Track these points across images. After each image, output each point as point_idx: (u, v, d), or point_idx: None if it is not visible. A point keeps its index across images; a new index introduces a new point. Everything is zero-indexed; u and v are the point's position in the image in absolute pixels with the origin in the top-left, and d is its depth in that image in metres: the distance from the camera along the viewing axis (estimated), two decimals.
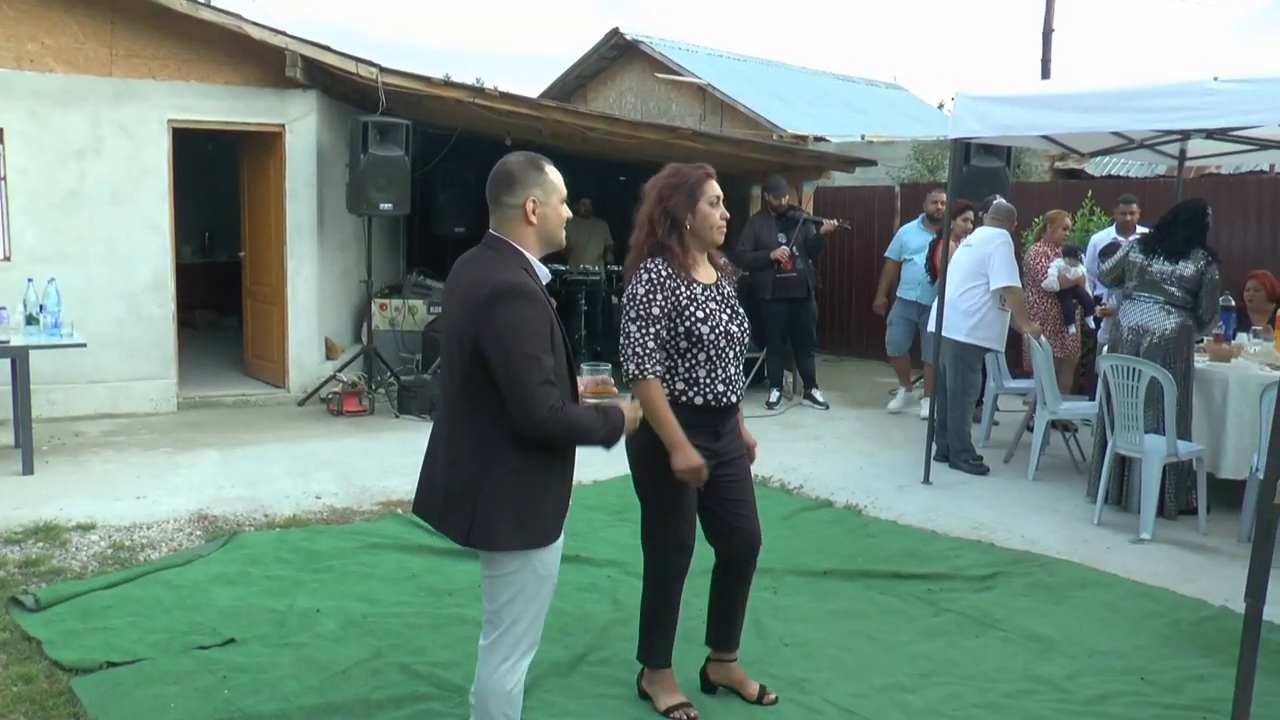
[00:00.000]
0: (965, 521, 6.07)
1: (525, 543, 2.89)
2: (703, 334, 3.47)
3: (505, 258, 2.89)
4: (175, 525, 5.69)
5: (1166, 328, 6.06)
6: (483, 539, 2.89)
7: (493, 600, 2.99)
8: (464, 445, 2.91)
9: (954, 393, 7.31)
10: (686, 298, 3.49)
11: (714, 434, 3.59)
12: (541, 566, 2.96)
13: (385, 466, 7.03)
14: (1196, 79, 5.40)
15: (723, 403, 3.56)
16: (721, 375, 3.54)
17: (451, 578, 4.97)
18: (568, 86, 19.63)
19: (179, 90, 8.60)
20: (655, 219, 3.52)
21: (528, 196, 2.91)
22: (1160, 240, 6.25)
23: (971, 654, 4.28)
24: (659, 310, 3.46)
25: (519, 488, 2.87)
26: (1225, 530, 5.92)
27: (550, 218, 2.95)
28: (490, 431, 2.85)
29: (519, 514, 2.87)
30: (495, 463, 2.86)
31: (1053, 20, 18.75)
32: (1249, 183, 10.18)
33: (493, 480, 2.86)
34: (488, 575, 2.99)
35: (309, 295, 9.27)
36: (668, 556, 3.64)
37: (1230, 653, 4.09)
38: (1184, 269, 6.07)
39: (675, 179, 3.54)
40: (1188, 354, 6.13)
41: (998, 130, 6.63)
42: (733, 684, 3.87)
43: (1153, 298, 6.15)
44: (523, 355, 2.76)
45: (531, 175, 2.94)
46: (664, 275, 3.49)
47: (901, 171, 13.89)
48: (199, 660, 4.04)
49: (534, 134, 10.09)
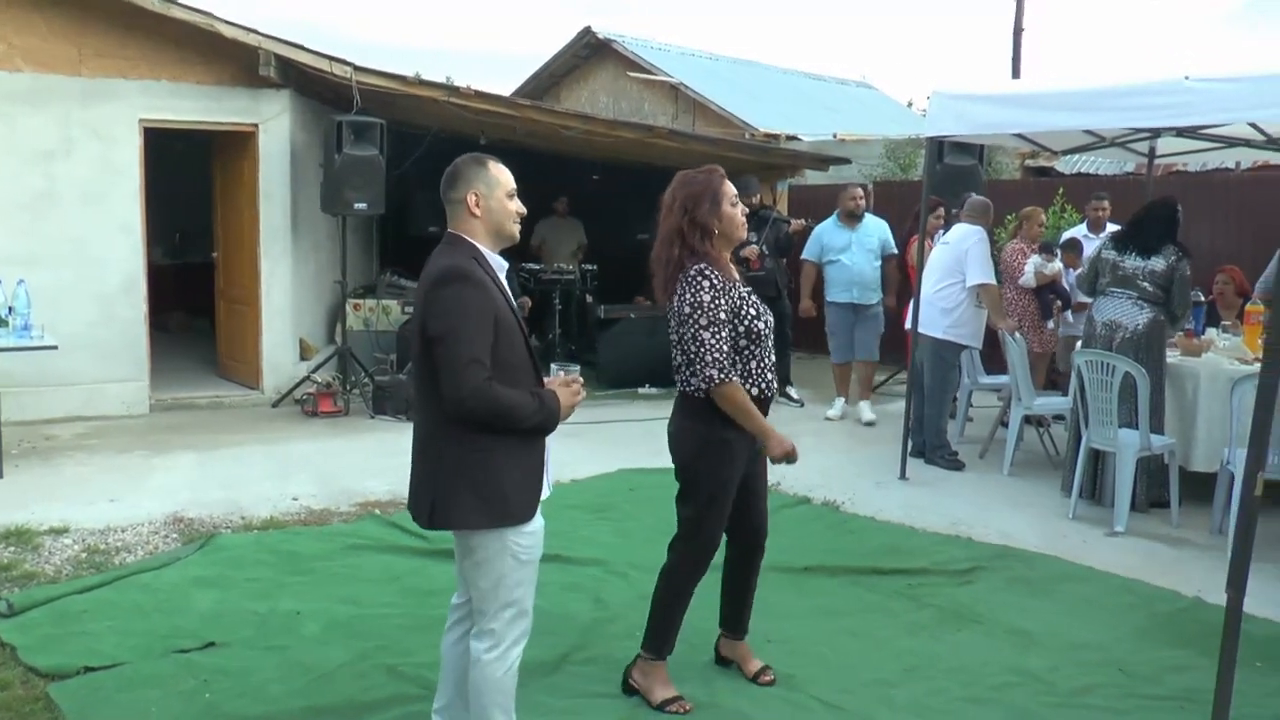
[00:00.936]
0: (943, 517, 6.12)
1: (488, 522, 2.95)
2: (759, 330, 3.63)
3: (457, 249, 3.01)
4: (151, 528, 5.64)
5: (1139, 323, 6.14)
6: (443, 518, 2.99)
7: (476, 587, 3.04)
8: (427, 429, 3.04)
9: (931, 389, 7.36)
10: (738, 297, 3.63)
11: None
12: (520, 550, 3.00)
13: (362, 467, 6.99)
14: (1169, 78, 5.47)
15: (770, 392, 3.71)
16: (770, 365, 3.70)
17: (434, 578, 4.95)
18: (540, 85, 19.58)
19: (150, 90, 8.52)
20: (686, 230, 3.61)
21: (469, 190, 3.03)
22: (1133, 237, 6.33)
23: (954, 648, 4.32)
24: (725, 314, 3.57)
25: (474, 465, 2.94)
26: (1197, 523, 6.00)
27: (495, 210, 3.05)
28: (441, 413, 2.93)
29: (478, 492, 2.94)
30: (450, 442, 2.95)
31: (1023, 19, 18.91)
32: (1215, 180, 10.31)
33: (449, 460, 2.95)
34: (469, 562, 3.04)
35: (283, 296, 9.21)
36: (702, 554, 3.74)
37: (1206, 643, 4.16)
38: (1156, 265, 6.15)
39: (696, 188, 3.63)
40: (1160, 349, 6.21)
41: (973, 128, 6.70)
42: (738, 659, 4.03)
43: (1126, 293, 6.22)
44: (454, 334, 2.85)
45: (473, 170, 3.06)
46: (719, 281, 3.59)
47: (874, 170, 13.96)
48: (180, 664, 4.01)
49: (509, 133, 10.07)
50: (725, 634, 4.07)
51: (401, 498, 6.24)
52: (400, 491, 6.35)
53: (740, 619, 4.02)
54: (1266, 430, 3.16)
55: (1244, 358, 6.33)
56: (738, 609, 4.01)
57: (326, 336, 10.14)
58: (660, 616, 3.81)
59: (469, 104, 9.06)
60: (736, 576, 3.98)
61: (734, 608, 4.01)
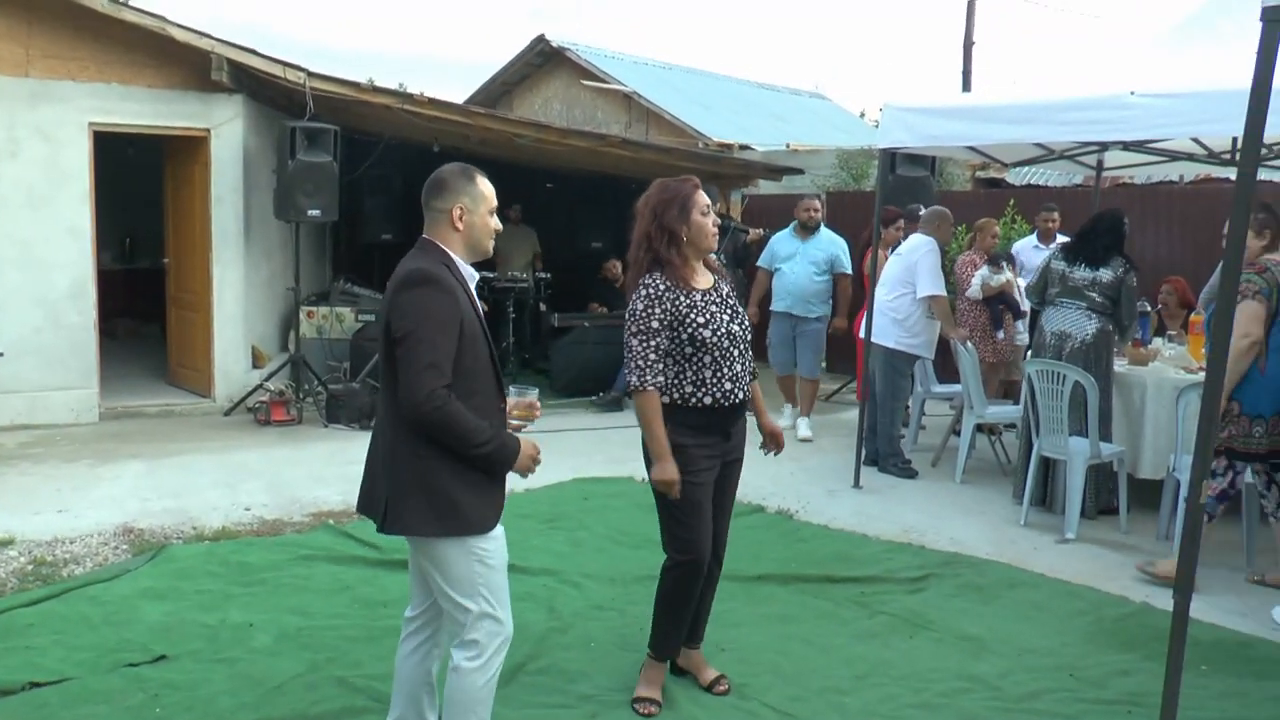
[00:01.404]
0: (896, 525, 6.17)
1: (441, 529, 2.94)
2: (705, 338, 3.63)
3: (427, 254, 3.02)
4: (100, 539, 5.55)
5: (1088, 333, 6.24)
6: (393, 524, 2.98)
7: (446, 597, 3.02)
8: (383, 434, 3.04)
9: (884, 398, 7.43)
10: (686, 305, 3.64)
11: (725, 434, 3.77)
12: (486, 555, 3.00)
13: (315, 477, 6.94)
14: (1114, 93, 5.57)
15: (730, 400, 3.70)
16: (728, 374, 3.68)
17: (387, 589, 4.92)
18: (493, 93, 19.55)
19: (100, 93, 8.40)
20: (653, 235, 3.67)
21: (455, 203, 3.03)
22: (1081, 248, 6.43)
23: (905, 655, 4.36)
24: (658, 323, 3.61)
25: (426, 471, 2.93)
26: (1144, 529, 6.10)
27: (476, 225, 3.06)
28: (403, 421, 2.93)
29: (430, 499, 2.93)
30: (404, 451, 2.94)
31: (973, 33, 19.15)
32: (1161, 192, 10.51)
33: (401, 468, 2.95)
34: (433, 572, 3.03)
35: (235, 303, 9.11)
36: (681, 561, 3.74)
37: (1152, 647, 4.25)
38: (1103, 275, 6.26)
39: (667, 195, 3.70)
40: (1108, 358, 6.32)
41: (925, 140, 6.78)
42: (692, 669, 4.04)
43: (1074, 304, 6.32)
44: (416, 336, 2.85)
45: (461, 183, 3.06)
46: (661, 288, 3.64)
47: (827, 180, 14.07)
48: (129, 678, 3.94)
49: (462, 140, 10.05)
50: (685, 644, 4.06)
51: (354, 506, 6.21)
52: (354, 500, 6.27)
53: (694, 630, 4.03)
54: (1211, 438, 3.23)
55: (1189, 367, 6.46)
56: (693, 621, 4.00)
57: (279, 344, 10.04)
58: (656, 619, 3.87)
59: (422, 111, 9.03)
60: None
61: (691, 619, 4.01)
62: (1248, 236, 5.03)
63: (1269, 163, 7.25)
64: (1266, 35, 2.99)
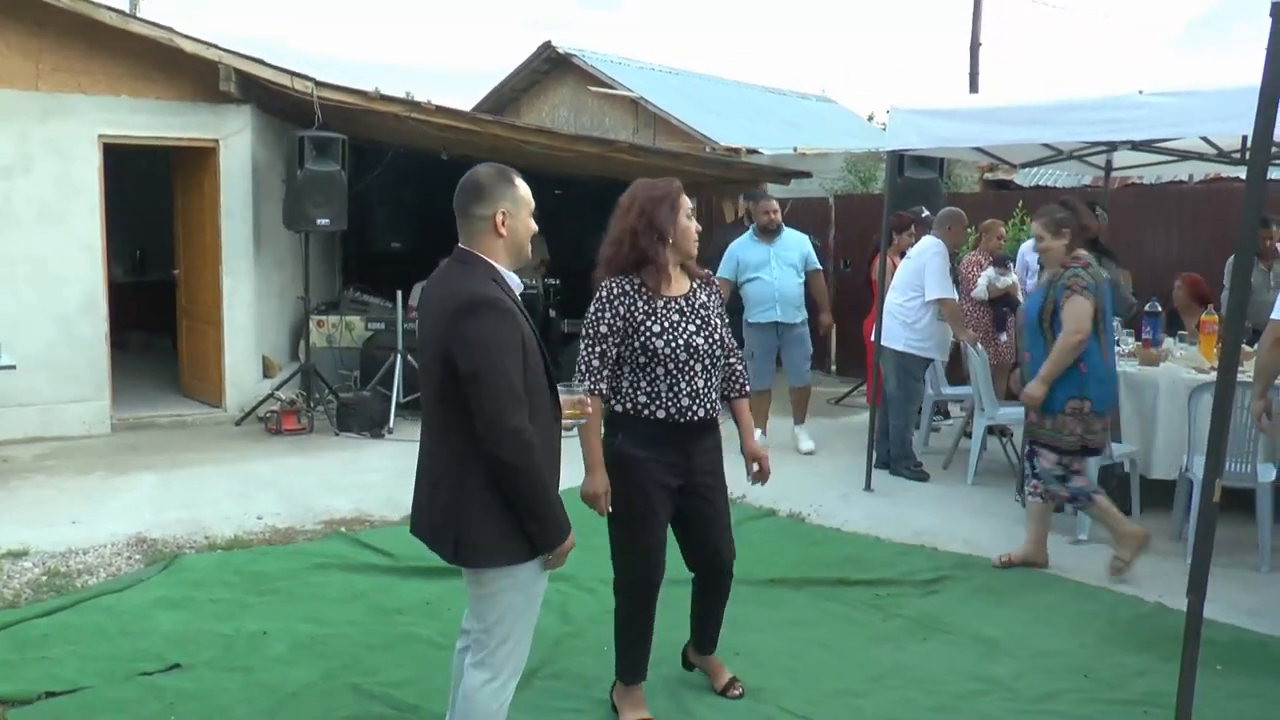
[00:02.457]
0: (908, 527, 6.16)
1: (510, 558, 2.86)
2: (657, 348, 3.49)
3: (475, 270, 2.87)
4: (113, 550, 5.57)
5: None
6: (468, 556, 2.87)
7: (480, 619, 2.96)
8: (443, 462, 2.89)
9: (895, 401, 7.42)
10: (644, 312, 3.51)
11: (683, 451, 3.58)
12: (529, 585, 2.93)
13: (327, 485, 6.95)
14: (1124, 93, 5.57)
15: (688, 417, 3.54)
16: (686, 389, 3.53)
17: (400, 596, 4.93)
18: (501, 100, 19.59)
19: (110, 105, 8.44)
20: (640, 231, 3.53)
21: (498, 209, 2.90)
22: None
23: (920, 657, 4.35)
24: (606, 328, 3.50)
25: (499, 502, 2.82)
26: (1157, 529, 6.05)
27: (519, 230, 2.95)
28: (467, 446, 2.80)
29: (501, 528, 2.83)
30: (473, 477, 2.82)
31: (980, 34, 19.15)
32: (1170, 192, 10.48)
33: (472, 496, 2.83)
34: (476, 594, 2.95)
35: (246, 313, 9.14)
36: (630, 572, 3.66)
37: (1167, 648, 4.22)
38: None
39: (656, 193, 3.57)
40: None
41: (933, 142, 6.78)
42: (707, 671, 4.01)
43: None
44: (490, 369, 2.73)
45: (502, 187, 2.93)
46: (616, 292, 3.52)
47: (835, 183, 14.06)
48: (144, 687, 3.96)
49: (470, 149, 10.06)
50: (693, 648, 4.06)
51: (367, 515, 6.26)
52: (366, 509, 6.38)
53: (702, 638, 4.00)
54: (1223, 438, 3.22)
55: (1200, 366, 6.43)
56: (702, 630, 3.97)
57: (290, 353, 10.08)
58: (619, 644, 3.77)
59: (430, 119, 9.05)
60: (697, 602, 3.92)
61: (699, 629, 3.99)
62: (1047, 238, 5.21)
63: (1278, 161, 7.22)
64: (1275, 31, 2.99)
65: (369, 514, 6.30)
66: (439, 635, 4.46)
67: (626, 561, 3.64)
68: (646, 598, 3.67)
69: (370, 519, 6.21)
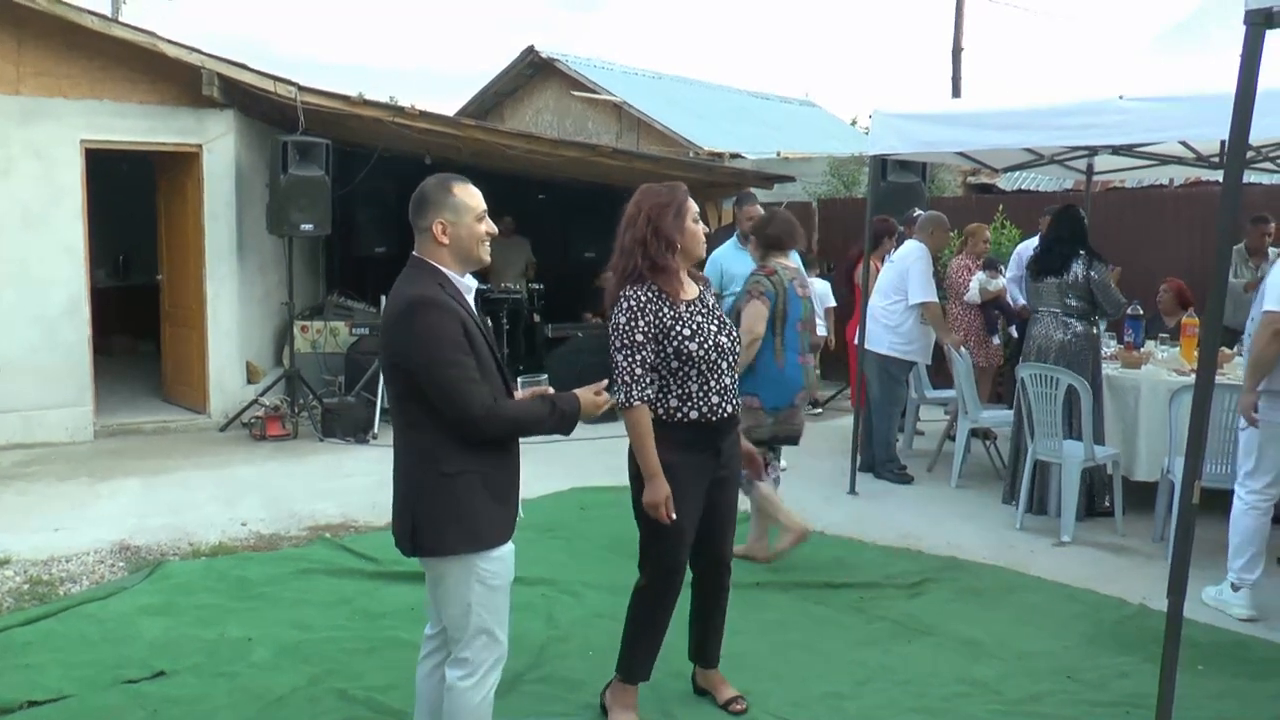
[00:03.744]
0: (893, 530, 6.19)
1: (467, 546, 2.94)
2: (692, 351, 3.53)
3: (421, 275, 2.98)
4: (96, 557, 5.54)
5: (1066, 338, 6.26)
6: (423, 544, 2.96)
7: (447, 614, 3.04)
8: (402, 459, 3.01)
9: (879, 404, 7.45)
10: (671, 318, 3.54)
11: (715, 450, 3.65)
12: (489, 576, 2.98)
13: (311, 490, 6.94)
14: (1104, 98, 5.60)
15: (719, 415, 3.61)
16: (715, 387, 3.60)
17: (385, 601, 4.93)
18: (484, 104, 19.60)
19: (92, 109, 8.41)
20: (649, 242, 3.53)
21: (436, 218, 2.98)
22: (1043, 261, 6.45)
23: (905, 660, 4.37)
24: (642, 336, 3.50)
25: (453, 491, 2.92)
26: (1140, 531, 6.12)
27: (463, 237, 3.00)
28: (423, 442, 2.94)
29: (458, 519, 2.93)
30: (429, 470, 2.93)
31: (962, 39, 19.23)
32: (1151, 196, 10.56)
33: (428, 488, 2.93)
34: (436, 590, 3.04)
35: (229, 318, 9.11)
36: (659, 582, 3.66)
37: (1150, 649, 4.24)
38: (1070, 278, 6.27)
39: (662, 200, 3.58)
40: (1094, 361, 6.34)
41: (915, 146, 6.81)
42: (710, 688, 3.98)
43: (1050, 311, 6.35)
44: (442, 361, 2.85)
45: (439, 196, 3.01)
46: (644, 300, 3.53)
47: (818, 187, 14.10)
48: (128, 694, 3.95)
49: (454, 153, 10.07)
50: (696, 663, 4.01)
51: (352, 520, 6.26)
52: (351, 513, 6.37)
53: (705, 650, 3.96)
54: (1202, 439, 3.25)
55: (1181, 369, 6.48)
56: (701, 639, 3.94)
57: (274, 359, 10.04)
58: (628, 641, 3.76)
59: (413, 124, 9.05)
60: (696, 606, 3.92)
61: (698, 638, 3.95)
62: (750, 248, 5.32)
63: (1256, 165, 7.29)
64: (1250, 38, 3.02)
65: (354, 519, 6.29)
66: None
67: (656, 562, 3.66)
68: (669, 598, 3.70)
69: (355, 524, 6.20)
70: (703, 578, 3.88)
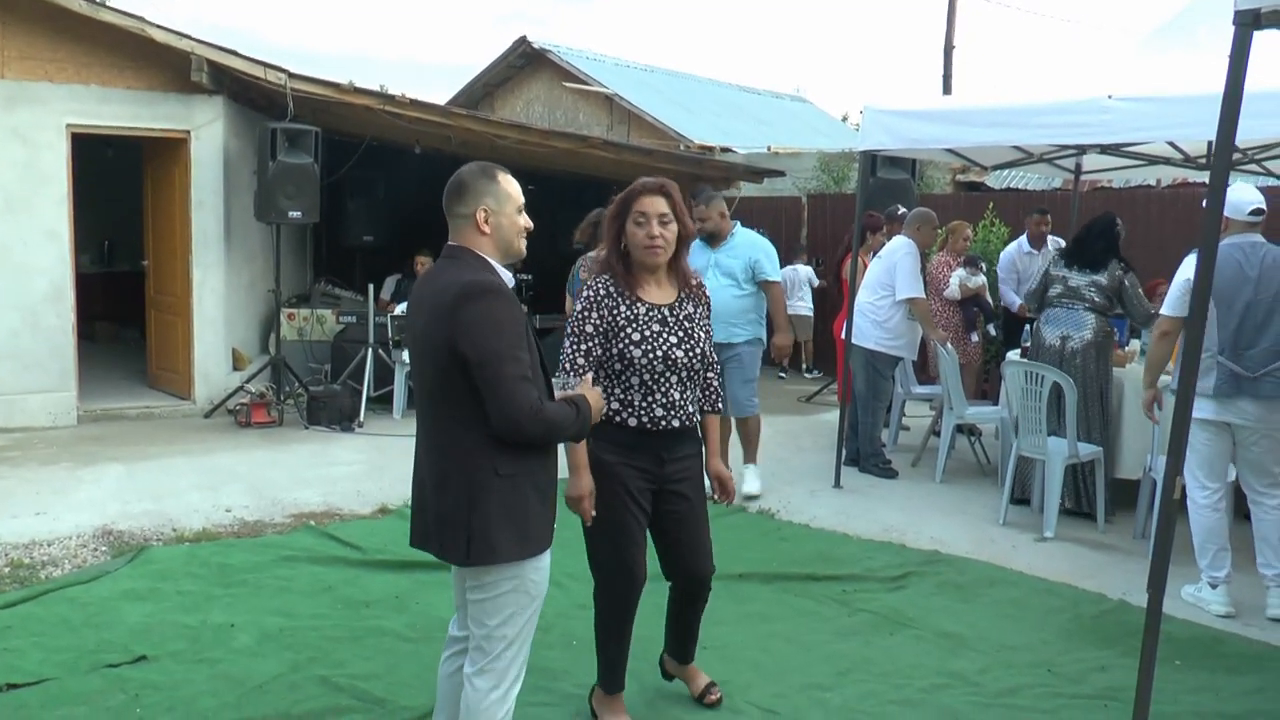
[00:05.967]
0: (876, 524, 6.21)
1: (523, 552, 2.81)
2: (634, 357, 3.40)
3: (467, 263, 2.83)
4: (78, 542, 5.52)
5: (1087, 333, 6.30)
6: (482, 554, 2.78)
7: (482, 625, 2.87)
8: (448, 461, 2.82)
9: (865, 399, 7.47)
10: (625, 318, 3.44)
11: (657, 459, 3.50)
12: (533, 585, 2.87)
13: (296, 478, 6.92)
14: (1092, 97, 5.63)
15: (661, 427, 3.46)
16: (661, 400, 3.44)
17: (369, 589, 4.92)
18: (475, 94, 19.57)
19: (78, 94, 8.36)
20: (611, 235, 3.51)
21: (479, 206, 2.84)
22: (1077, 253, 6.51)
23: (886, 652, 4.39)
24: (592, 328, 3.43)
25: (510, 495, 2.78)
26: (1122, 528, 6.16)
27: (505, 227, 2.87)
28: (473, 442, 2.76)
29: (515, 523, 2.79)
30: (482, 473, 2.76)
31: (954, 37, 19.24)
32: (1138, 196, 10.60)
33: (483, 492, 2.76)
34: (479, 599, 2.85)
35: (215, 305, 9.08)
36: (604, 581, 3.59)
37: (1129, 644, 4.28)
38: (1100, 278, 6.33)
39: (621, 195, 3.51)
40: (1108, 357, 6.38)
41: (905, 143, 6.82)
42: (684, 678, 3.94)
43: (1074, 305, 6.38)
44: (497, 352, 2.68)
45: (483, 184, 2.86)
46: (603, 293, 3.47)
47: (808, 183, 14.13)
48: (109, 679, 3.93)
49: (443, 142, 10.05)
50: (673, 658, 3.95)
51: (336, 508, 6.24)
52: (335, 502, 6.36)
53: (678, 649, 3.89)
54: (1184, 437, 3.27)
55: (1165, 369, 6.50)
56: (675, 638, 3.88)
57: (260, 346, 10.02)
58: (596, 645, 3.71)
59: (403, 112, 9.03)
60: (672, 612, 3.83)
61: (672, 636, 3.89)
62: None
63: (1242, 167, 7.33)
64: (1239, 38, 3.03)
65: (338, 507, 6.29)
66: (407, 629, 4.47)
67: (602, 565, 3.57)
68: (624, 602, 3.58)
69: (339, 512, 6.19)
70: (677, 592, 3.76)
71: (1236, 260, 4.81)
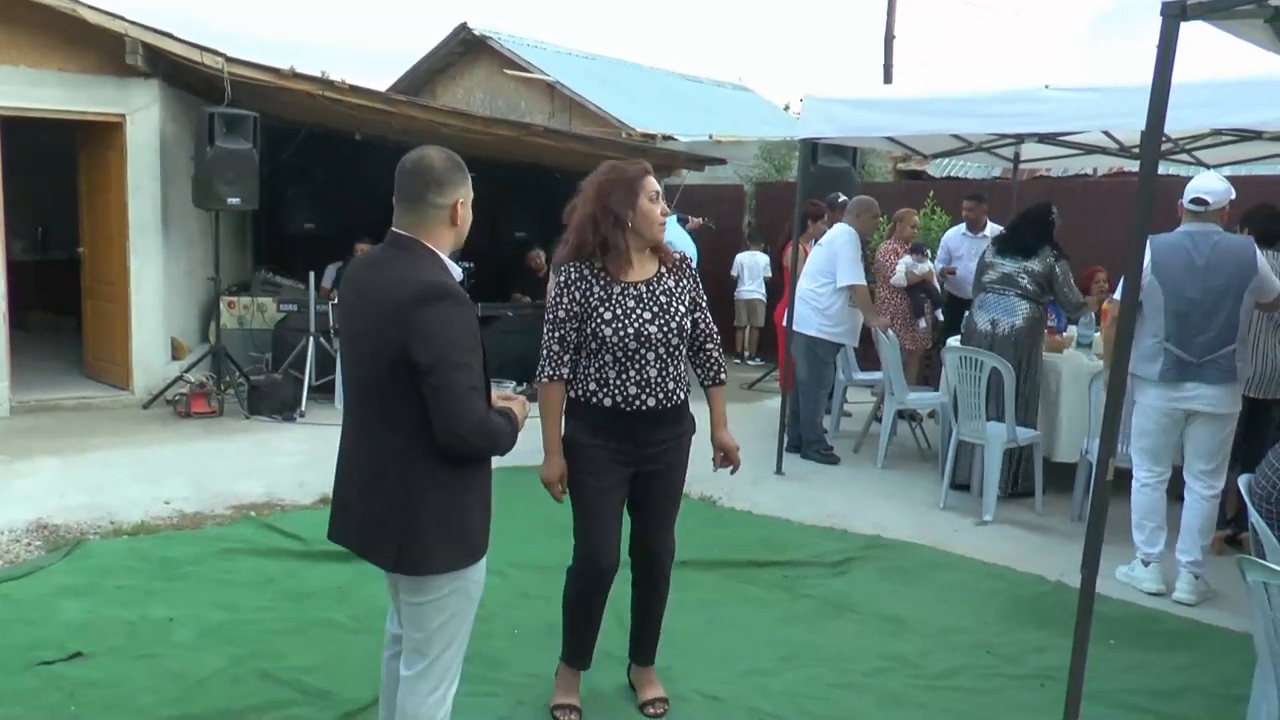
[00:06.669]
0: (819, 510, 6.27)
1: (459, 561, 2.74)
2: (605, 336, 3.40)
3: (421, 258, 2.70)
4: (11, 536, 5.40)
5: (1017, 320, 6.41)
6: (416, 563, 2.70)
7: (421, 628, 2.79)
8: (383, 462, 2.71)
9: (806, 385, 7.53)
10: (598, 298, 3.43)
11: (633, 440, 3.50)
12: (473, 586, 2.82)
13: (237, 469, 6.84)
14: (1030, 87, 5.72)
15: (636, 406, 3.46)
16: (635, 378, 3.44)
17: (310, 581, 4.88)
18: (416, 82, 19.37)
19: (8, 76, 8.15)
20: (599, 217, 3.43)
21: (457, 198, 2.75)
22: (1010, 240, 6.61)
23: (829, 637, 4.44)
24: (564, 313, 3.44)
25: (447, 504, 2.71)
26: (1059, 511, 6.28)
27: (467, 220, 2.81)
28: (410, 447, 2.66)
29: (453, 534, 2.72)
30: (420, 479, 2.68)
31: (894, 27, 19.38)
32: (1076, 185, 10.79)
33: (419, 499, 2.68)
34: (415, 602, 2.77)
35: (153, 293, 8.92)
36: (582, 563, 3.59)
37: (1065, 624, 4.35)
38: (1033, 265, 6.43)
39: (613, 176, 3.47)
40: (1038, 343, 6.50)
41: (845, 131, 6.88)
42: (636, 684, 3.88)
43: (1005, 291, 6.48)
44: (454, 362, 2.58)
45: (459, 175, 2.77)
46: (574, 277, 3.46)
47: (750, 171, 14.18)
48: (43, 677, 3.86)
49: (384, 129, 9.94)
50: (631, 659, 3.92)
51: (278, 499, 6.18)
52: (277, 493, 6.29)
53: (640, 645, 3.85)
54: (1116, 419, 3.34)
55: (1100, 353, 6.64)
56: (638, 633, 3.85)
57: (200, 335, 9.86)
58: (563, 622, 3.72)
59: (344, 99, 8.90)
60: (634, 596, 3.82)
61: (634, 630, 3.86)
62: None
63: (1172, 156, 7.48)
64: (1166, 29, 3.10)
65: (280, 498, 6.22)
66: (350, 620, 4.44)
67: (578, 544, 3.58)
68: (594, 584, 3.59)
69: (281, 503, 6.13)
70: (636, 570, 3.77)
71: (1185, 248, 4.91)
